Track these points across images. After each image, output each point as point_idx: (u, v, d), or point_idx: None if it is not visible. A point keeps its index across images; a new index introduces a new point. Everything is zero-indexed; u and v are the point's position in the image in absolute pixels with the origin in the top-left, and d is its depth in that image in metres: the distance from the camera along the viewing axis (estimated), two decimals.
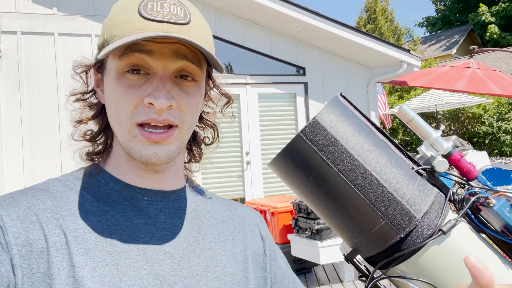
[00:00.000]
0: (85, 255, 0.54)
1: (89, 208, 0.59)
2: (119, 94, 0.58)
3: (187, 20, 0.58)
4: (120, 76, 0.58)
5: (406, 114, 0.60)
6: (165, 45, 0.57)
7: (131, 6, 0.59)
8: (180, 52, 0.58)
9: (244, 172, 5.48)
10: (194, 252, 0.63)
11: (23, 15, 4.58)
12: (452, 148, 0.61)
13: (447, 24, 25.88)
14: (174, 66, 0.58)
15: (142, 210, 0.62)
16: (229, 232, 0.70)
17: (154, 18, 0.56)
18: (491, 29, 20.63)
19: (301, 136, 0.51)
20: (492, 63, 14.54)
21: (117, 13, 0.60)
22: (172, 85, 0.59)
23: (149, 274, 0.57)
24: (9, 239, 0.51)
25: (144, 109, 0.57)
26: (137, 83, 0.58)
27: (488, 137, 11.01)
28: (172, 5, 0.59)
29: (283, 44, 5.69)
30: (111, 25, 0.59)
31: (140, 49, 0.57)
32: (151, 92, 0.57)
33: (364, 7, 18.57)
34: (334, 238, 3.19)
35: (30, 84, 4.56)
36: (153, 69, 0.58)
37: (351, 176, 0.51)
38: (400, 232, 0.50)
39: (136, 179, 0.63)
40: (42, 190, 0.59)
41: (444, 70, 4.27)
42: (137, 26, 0.56)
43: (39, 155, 4.54)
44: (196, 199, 0.70)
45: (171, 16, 0.57)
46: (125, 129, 0.59)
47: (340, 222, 0.53)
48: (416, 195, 0.51)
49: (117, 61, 0.58)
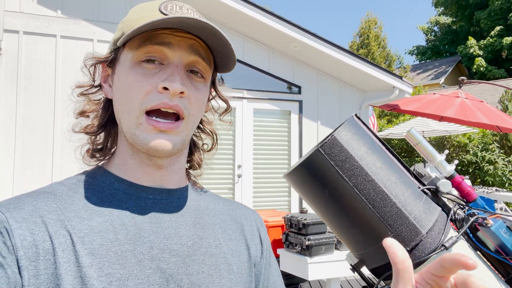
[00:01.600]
0: (91, 255, 0.55)
1: (94, 209, 0.59)
2: (133, 81, 0.59)
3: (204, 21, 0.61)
4: (136, 65, 0.59)
5: (414, 137, 0.63)
6: (183, 38, 0.60)
7: (151, 7, 0.62)
8: (195, 47, 0.61)
9: (235, 185, 5.49)
10: (199, 250, 0.63)
11: (26, 15, 4.59)
12: (454, 172, 0.64)
13: (437, 54, 26.60)
14: (189, 59, 0.60)
15: (146, 208, 0.62)
16: (232, 232, 0.70)
17: (174, 16, 0.58)
18: (478, 62, 21.28)
19: (320, 151, 0.54)
20: (478, 94, 14.98)
21: (136, 12, 0.62)
22: (185, 75, 0.61)
23: (155, 272, 0.57)
24: (15, 241, 0.51)
25: (156, 94, 0.58)
26: (152, 72, 0.59)
27: (472, 166, 11.25)
28: (189, 9, 0.63)
29: (281, 62, 5.79)
30: (130, 21, 0.61)
31: (160, 41, 0.59)
32: (166, 78, 0.58)
33: (358, 32, 19.02)
34: (323, 254, 3.22)
35: (27, 83, 4.54)
36: (169, 59, 0.60)
37: (364, 190, 0.53)
38: (406, 245, 0.52)
39: (140, 177, 0.64)
40: (46, 193, 0.59)
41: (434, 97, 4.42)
42: (158, 19, 0.58)
43: (30, 152, 4.49)
44: (199, 198, 0.71)
45: (190, 15, 0.61)
46: (133, 115, 0.59)
47: (350, 233, 0.56)
48: (422, 212, 0.54)
49: (134, 51, 0.60)
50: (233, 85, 5.54)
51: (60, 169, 4.56)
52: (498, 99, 12.73)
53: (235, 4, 5.09)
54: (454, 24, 26.04)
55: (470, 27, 25.09)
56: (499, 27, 21.89)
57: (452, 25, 26.14)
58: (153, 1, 0.64)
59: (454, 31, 26.14)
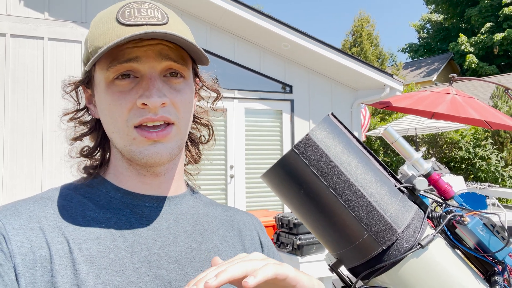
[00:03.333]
0: (89, 262, 0.54)
1: (92, 216, 0.59)
2: (111, 101, 0.58)
3: (165, 20, 0.60)
4: (110, 84, 0.59)
5: (391, 135, 0.62)
6: (149, 47, 0.58)
7: (109, 17, 0.60)
8: (164, 53, 0.59)
9: (227, 186, 5.48)
10: (197, 257, 0.62)
11: (13, 17, 4.55)
12: (431, 169, 0.63)
13: (429, 51, 26.76)
14: (161, 66, 0.59)
15: (144, 216, 0.61)
16: (230, 238, 0.70)
17: (133, 23, 0.57)
18: (469, 59, 21.44)
19: (295, 151, 0.53)
20: (470, 91, 15.09)
21: (96, 26, 0.61)
22: (162, 84, 0.59)
23: (154, 279, 0.57)
24: (12, 248, 0.51)
25: (138, 111, 0.58)
26: (127, 88, 0.58)
27: (465, 162, 11.33)
28: (148, 9, 0.60)
29: (272, 61, 5.79)
30: (93, 38, 0.60)
31: (126, 59, 0.57)
32: (142, 93, 0.57)
33: (350, 30, 19.08)
34: (315, 254, 3.22)
35: (15, 87, 4.50)
36: (141, 72, 0.59)
37: (339, 190, 0.53)
38: (382, 244, 0.52)
39: (137, 186, 0.63)
40: (43, 199, 0.59)
41: (425, 94, 4.43)
42: (118, 33, 0.57)
43: (19, 157, 4.45)
44: (197, 204, 0.70)
45: (149, 19, 0.58)
46: (124, 133, 0.59)
47: (326, 233, 0.55)
48: (398, 211, 0.54)
49: (104, 71, 0.59)
50: (224, 85, 5.53)
51: (50, 174, 4.52)
52: (490, 95, 12.83)
53: (225, 4, 5.08)
54: (445, 21, 26.23)
55: (462, 24, 25.28)
56: (489, 24, 22.06)
57: (444, 22, 26.33)
58: (110, 9, 0.62)
59: (446, 28, 26.32)
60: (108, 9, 0.62)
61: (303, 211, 0.56)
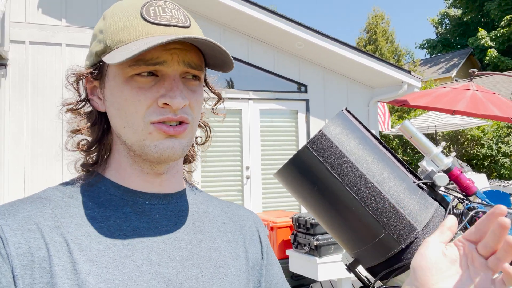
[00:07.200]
0: (90, 262, 0.54)
1: (91, 215, 0.58)
2: (129, 96, 0.58)
3: (188, 23, 0.60)
4: (129, 80, 0.58)
5: (408, 129, 0.62)
6: (175, 51, 0.58)
7: (132, 11, 0.58)
8: (187, 61, 0.59)
9: (243, 187, 5.48)
10: (198, 254, 0.62)
11: (32, 25, 4.66)
12: (452, 164, 0.62)
13: (447, 47, 26.22)
14: (183, 69, 0.60)
15: (144, 214, 0.61)
16: (231, 234, 0.69)
17: (160, 22, 0.57)
18: (490, 53, 20.91)
19: (308, 147, 0.53)
20: (491, 86, 14.70)
21: (117, 19, 0.59)
22: (182, 85, 0.60)
23: (155, 277, 0.57)
24: (10, 250, 0.50)
25: (157, 109, 0.58)
26: (148, 85, 0.58)
27: (487, 159, 11.03)
28: (172, 9, 0.60)
29: (286, 61, 5.77)
30: (112, 31, 0.59)
31: (154, 62, 0.57)
32: (165, 93, 0.57)
33: (365, 28, 18.86)
34: (332, 254, 3.17)
35: (35, 93, 4.61)
36: (163, 71, 0.58)
37: (355, 187, 0.52)
38: (401, 242, 0.51)
39: (138, 184, 0.63)
40: (41, 199, 0.58)
41: (444, 91, 4.33)
42: (144, 30, 0.57)
43: (40, 163, 4.55)
44: (197, 201, 0.70)
45: (175, 20, 0.58)
46: (139, 129, 0.58)
47: (343, 232, 0.54)
48: (417, 208, 0.52)
49: (125, 68, 0.57)
50: (238, 86, 5.54)
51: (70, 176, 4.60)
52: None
53: (237, 5, 5.09)
54: (464, 15, 25.64)
55: (481, 18, 24.67)
56: (509, 16, 21.45)
57: (462, 16, 25.74)
58: (131, 2, 0.60)
59: (464, 23, 25.73)
60: (128, 2, 0.60)
61: (318, 210, 0.55)
